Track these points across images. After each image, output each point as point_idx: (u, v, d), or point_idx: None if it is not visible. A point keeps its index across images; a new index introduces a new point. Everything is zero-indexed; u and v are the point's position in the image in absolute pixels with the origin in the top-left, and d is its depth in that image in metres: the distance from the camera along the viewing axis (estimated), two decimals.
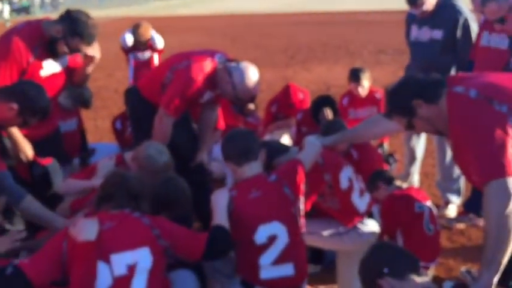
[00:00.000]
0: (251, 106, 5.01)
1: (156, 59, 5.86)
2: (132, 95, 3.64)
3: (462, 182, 4.18)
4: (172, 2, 32.80)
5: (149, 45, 5.80)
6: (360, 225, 2.77)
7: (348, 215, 2.76)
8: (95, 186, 2.60)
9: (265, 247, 2.23)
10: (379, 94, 4.71)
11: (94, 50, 3.24)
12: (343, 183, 2.70)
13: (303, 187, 2.40)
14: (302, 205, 2.38)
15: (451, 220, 4.02)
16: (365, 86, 4.62)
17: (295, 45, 13.56)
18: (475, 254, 3.57)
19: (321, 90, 8.42)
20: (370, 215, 2.86)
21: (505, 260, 1.96)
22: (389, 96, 2.20)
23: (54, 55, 3.14)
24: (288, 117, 4.95)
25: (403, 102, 2.14)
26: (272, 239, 2.23)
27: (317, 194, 2.68)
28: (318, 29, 16.59)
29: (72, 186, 2.73)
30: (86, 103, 4.38)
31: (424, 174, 4.87)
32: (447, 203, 4.17)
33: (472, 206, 3.97)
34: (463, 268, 3.36)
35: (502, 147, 1.92)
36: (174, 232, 2.13)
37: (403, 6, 4.21)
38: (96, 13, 23.04)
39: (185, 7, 28.68)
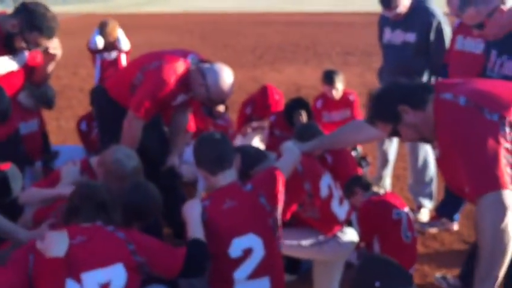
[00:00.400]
0: (221, 108, 4.90)
1: (123, 59, 5.67)
2: (99, 96, 3.47)
3: (434, 186, 4.18)
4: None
5: (115, 46, 5.60)
6: (339, 234, 2.70)
7: (327, 224, 2.67)
8: (59, 195, 2.44)
9: (240, 261, 2.12)
10: (353, 96, 4.68)
11: (55, 47, 3.05)
12: (323, 192, 2.62)
13: (280, 197, 2.29)
14: (279, 215, 2.28)
15: (423, 224, 4.00)
16: (339, 88, 4.57)
17: (263, 45, 13.48)
18: (449, 259, 3.58)
19: (291, 91, 8.38)
20: (349, 223, 2.78)
21: (500, 276, 1.89)
22: (374, 101, 2.12)
23: (12, 52, 2.94)
24: (262, 119, 4.86)
25: (388, 107, 2.06)
26: (247, 252, 2.12)
27: (297, 203, 2.58)
28: (286, 30, 16.56)
29: (34, 196, 2.54)
30: (49, 103, 4.18)
31: (395, 177, 4.86)
32: (419, 207, 4.16)
33: (445, 210, 3.97)
34: (438, 274, 3.33)
35: (495, 158, 1.85)
36: (150, 247, 2.00)
37: (371, 8, 4.20)
38: (60, 9, 22.54)
39: (151, 5, 28.22)
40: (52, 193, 2.48)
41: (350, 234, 2.73)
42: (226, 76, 3.09)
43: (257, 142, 5.08)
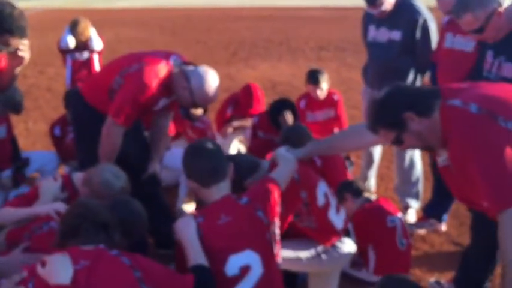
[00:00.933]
0: (199, 111, 4.72)
1: (96, 60, 5.42)
2: (74, 100, 3.25)
3: (421, 186, 4.11)
4: None
5: (87, 46, 5.35)
6: (338, 244, 2.58)
7: (325, 234, 2.55)
8: (36, 214, 2.24)
9: (237, 279, 1.98)
10: (337, 96, 4.58)
11: (24, 49, 2.82)
12: (320, 200, 2.50)
13: (278, 209, 2.16)
14: (277, 229, 2.15)
15: (411, 226, 3.93)
16: (324, 88, 4.47)
17: (236, 41, 13.29)
18: (440, 262, 3.51)
19: (267, 88, 8.26)
20: (346, 232, 2.67)
21: None
22: (377, 107, 2.00)
23: None
24: (243, 118, 4.71)
25: (393, 114, 1.94)
26: (245, 270, 1.98)
27: (293, 213, 2.45)
28: (258, 25, 16.40)
29: (9, 216, 2.32)
30: (17, 107, 3.93)
31: (379, 177, 4.78)
32: (406, 207, 4.09)
33: (433, 210, 3.91)
34: (432, 279, 3.26)
35: None
36: (157, 275, 1.82)
37: (342, 2, 4.08)
38: (26, 4, 21.82)
39: (122, 0, 27.67)
40: (28, 212, 2.28)
41: (348, 244, 2.62)
42: (212, 79, 2.94)
43: (236, 143, 4.94)
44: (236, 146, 4.96)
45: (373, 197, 2.95)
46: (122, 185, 2.41)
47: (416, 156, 4.02)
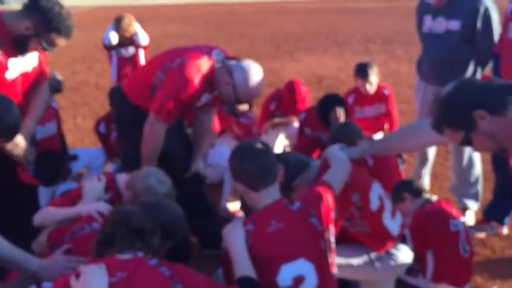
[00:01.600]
0: (244, 106, 4.60)
1: (141, 55, 5.37)
2: (117, 99, 3.18)
3: (480, 186, 3.84)
4: None
5: (132, 41, 5.31)
6: (393, 251, 2.38)
7: (379, 239, 2.36)
8: (78, 214, 2.17)
9: None
10: (388, 90, 4.35)
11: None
12: (374, 204, 2.31)
13: (332, 215, 2.00)
14: (332, 237, 1.99)
15: (470, 229, 3.66)
16: (373, 82, 4.24)
17: (281, 35, 13.12)
18: (503, 269, 3.25)
19: (312, 82, 8.08)
20: (402, 238, 2.46)
21: None
22: (443, 104, 1.79)
23: (23, 53, 2.67)
24: (287, 115, 4.55)
25: (461, 112, 1.74)
26: (298, 281, 1.83)
27: (344, 217, 2.28)
28: (304, 18, 16.17)
29: (51, 216, 2.25)
30: (57, 85, 3.98)
31: (433, 176, 4.51)
32: (464, 209, 3.82)
33: (494, 212, 3.64)
34: (494, 287, 3.01)
35: None
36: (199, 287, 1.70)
37: None
38: (74, 2, 22.40)
39: None
40: (70, 212, 2.21)
41: (404, 252, 2.42)
42: (255, 74, 2.80)
43: (282, 139, 4.79)
44: (281, 143, 4.82)
45: (434, 197, 2.74)
46: (166, 191, 2.31)
47: (475, 153, 3.75)
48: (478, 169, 3.80)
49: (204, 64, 2.84)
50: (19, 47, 2.60)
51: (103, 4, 22.94)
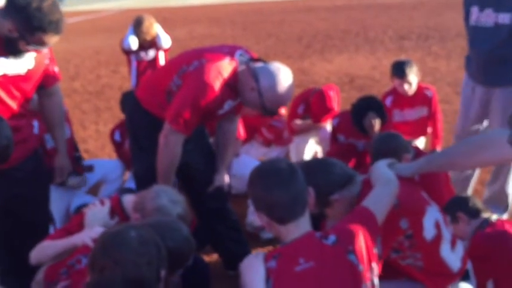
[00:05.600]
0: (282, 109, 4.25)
1: (162, 58, 5.09)
2: (129, 105, 2.90)
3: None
4: None
5: (154, 44, 5.03)
6: None
7: (435, 275, 1.99)
8: (75, 244, 1.88)
9: None
10: (431, 91, 3.96)
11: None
12: (428, 232, 1.94)
13: (375, 251, 1.66)
14: (376, 278, 1.64)
15: None
16: (412, 82, 3.86)
17: (310, 33, 12.73)
18: None
19: (344, 83, 7.70)
20: (464, 274, 2.07)
21: None
22: None
23: (16, 54, 2.39)
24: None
25: None
26: None
27: (390, 248, 1.92)
28: (332, 15, 15.73)
29: (47, 251, 1.98)
30: None
31: (479, 183, 4.09)
32: None
33: None
34: None
35: None
36: None
37: None
38: (101, 6, 22.52)
39: None
40: (66, 244, 1.93)
41: None
42: (284, 79, 2.46)
43: (313, 144, 4.45)
44: (313, 148, 4.48)
45: (494, 217, 2.36)
46: (180, 212, 2.02)
47: None
48: None
49: (226, 67, 2.52)
50: (9, 49, 2.33)
51: (130, 6, 22.97)
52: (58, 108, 2.79)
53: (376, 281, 1.65)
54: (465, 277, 2.07)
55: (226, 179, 2.96)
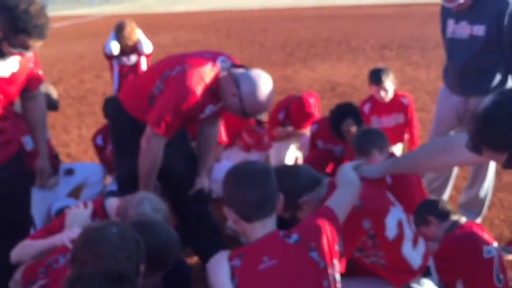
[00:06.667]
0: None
1: (143, 63, 5.13)
2: (113, 111, 2.94)
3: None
4: None
5: (135, 49, 5.07)
6: (414, 285, 2.09)
7: (397, 273, 2.08)
8: (54, 244, 1.92)
9: None
10: (407, 99, 4.07)
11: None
12: (391, 231, 2.02)
13: (336, 248, 1.73)
14: (338, 274, 1.71)
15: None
16: (388, 89, 3.97)
17: (293, 41, 12.88)
18: None
19: (326, 90, 7.83)
20: (426, 270, 2.16)
21: None
22: (484, 124, 1.52)
23: (0, 56, 2.41)
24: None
25: (504, 136, 1.47)
26: None
27: (353, 248, 2.00)
28: (316, 24, 15.92)
29: (27, 251, 2.01)
30: (55, 104, 3.75)
31: (455, 189, 4.21)
32: None
33: None
34: None
35: None
36: None
37: None
38: (85, 11, 22.40)
39: (177, 4, 27.91)
40: (46, 244, 1.96)
41: (428, 286, 2.12)
42: (264, 85, 2.54)
43: (293, 150, 4.54)
44: (293, 154, 4.56)
45: (463, 219, 2.45)
46: (161, 220, 2.07)
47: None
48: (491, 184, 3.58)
49: (208, 72, 2.59)
50: None
51: (114, 12, 22.93)
52: (40, 111, 2.83)
53: (337, 277, 1.72)
54: (427, 273, 2.16)
55: (207, 182, 3.01)
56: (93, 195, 3.74)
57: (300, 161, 4.54)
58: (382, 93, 4.00)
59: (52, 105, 3.68)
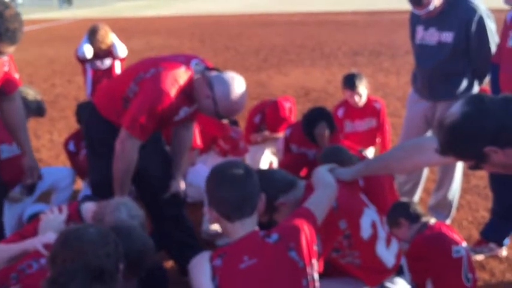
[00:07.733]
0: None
1: (118, 67, 5.07)
2: (87, 114, 2.91)
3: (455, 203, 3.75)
4: (138, 3, 31.82)
5: (109, 53, 5.02)
6: (388, 284, 2.14)
7: (372, 272, 2.12)
8: (26, 249, 1.89)
9: None
10: (379, 104, 4.14)
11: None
12: (365, 231, 2.07)
13: (315, 248, 1.76)
14: (316, 273, 1.74)
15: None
16: (362, 94, 4.03)
17: (267, 47, 12.96)
18: None
19: (300, 95, 7.89)
20: (399, 269, 2.22)
21: None
22: (450, 134, 1.57)
23: None
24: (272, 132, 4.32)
25: (471, 148, 1.53)
26: None
27: (330, 248, 2.04)
28: (289, 30, 16.05)
29: (0, 254, 1.98)
30: (43, 110, 3.81)
31: (425, 191, 4.30)
32: None
33: (492, 233, 3.42)
34: None
35: None
36: None
37: (376, 7, 3.64)
38: (56, 15, 22.04)
39: (151, 8, 27.76)
40: (17, 249, 1.92)
41: (401, 285, 2.17)
42: (238, 87, 2.56)
43: (268, 155, 4.56)
44: (268, 158, 4.59)
45: (432, 221, 2.51)
46: (138, 226, 2.06)
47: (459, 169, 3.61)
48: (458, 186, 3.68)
49: (182, 75, 2.59)
50: None
51: (86, 16, 22.65)
52: (20, 112, 2.82)
53: (316, 276, 1.75)
54: (400, 272, 2.21)
55: (182, 185, 3.01)
56: (63, 200, 3.68)
57: (275, 166, 4.57)
58: (356, 98, 4.06)
59: (41, 111, 3.69)
